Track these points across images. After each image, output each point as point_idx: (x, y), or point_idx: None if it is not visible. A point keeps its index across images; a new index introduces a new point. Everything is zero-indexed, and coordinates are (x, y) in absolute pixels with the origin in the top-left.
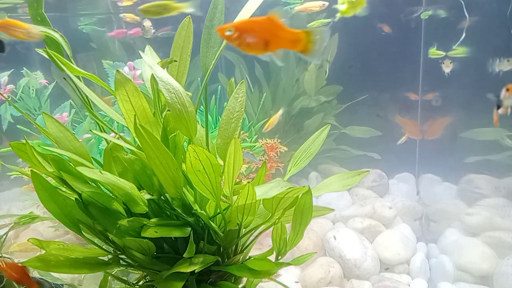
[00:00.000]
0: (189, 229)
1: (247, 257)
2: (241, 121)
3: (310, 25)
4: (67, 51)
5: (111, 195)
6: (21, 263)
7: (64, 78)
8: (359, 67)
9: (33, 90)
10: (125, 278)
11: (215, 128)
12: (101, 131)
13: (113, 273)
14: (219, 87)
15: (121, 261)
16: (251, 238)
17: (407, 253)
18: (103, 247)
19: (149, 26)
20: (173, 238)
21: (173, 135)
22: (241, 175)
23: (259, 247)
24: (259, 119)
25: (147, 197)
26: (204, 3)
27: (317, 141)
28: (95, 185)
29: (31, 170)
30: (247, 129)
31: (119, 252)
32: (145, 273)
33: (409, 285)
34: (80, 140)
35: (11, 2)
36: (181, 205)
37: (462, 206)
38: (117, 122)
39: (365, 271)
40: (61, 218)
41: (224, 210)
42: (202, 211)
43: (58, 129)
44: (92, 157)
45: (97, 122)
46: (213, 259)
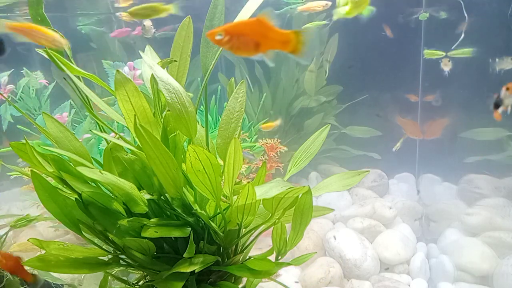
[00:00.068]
0: (189, 229)
1: (247, 257)
2: (241, 121)
3: (305, 26)
4: (67, 51)
5: (111, 195)
6: (21, 264)
7: (64, 78)
8: (359, 67)
9: (33, 90)
10: (125, 278)
11: (215, 128)
12: (101, 131)
13: (113, 273)
14: (219, 87)
15: (121, 261)
16: (251, 238)
17: (407, 253)
18: (103, 247)
19: (150, 25)
20: (173, 238)
21: (173, 135)
22: (241, 175)
23: (259, 247)
24: (259, 119)
25: (147, 197)
26: (204, 3)
27: (317, 141)
28: (95, 185)
29: (31, 170)
30: (247, 129)
31: (119, 252)
32: (145, 273)
33: (409, 285)
34: (80, 140)
35: (11, 2)
36: (181, 205)
37: (462, 206)
38: (117, 122)
39: (365, 271)
40: (61, 218)
41: (224, 210)
42: (202, 211)
43: (58, 129)
44: (92, 157)
45: (97, 122)
46: (213, 259)
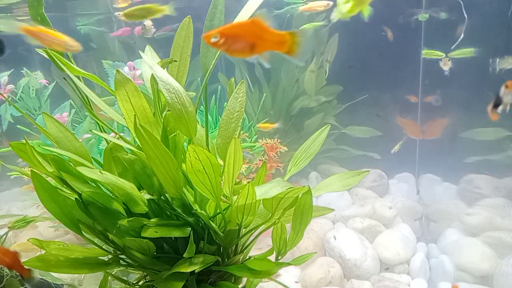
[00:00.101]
0: (189, 229)
1: (247, 257)
2: (241, 121)
3: (302, 27)
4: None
5: (111, 195)
6: (21, 263)
7: (64, 78)
8: (359, 67)
9: (33, 90)
10: (125, 278)
11: (215, 128)
12: (101, 131)
13: (113, 273)
14: (219, 87)
15: (121, 261)
16: (251, 238)
17: (407, 253)
18: (103, 247)
19: (150, 25)
20: (173, 238)
21: (173, 135)
22: (241, 175)
23: (259, 247)
24: (259, 119)
25: (147, 197)
26: (204, 3)
27: (317, 141)
28: (95, 185)
29: (31, 170)
30: (247, 129)
31: (119, 252)
32: (145, 273)
33: (409, 285)
34: (80, 140)
35: (11, 2)
36: (181, 205)
37: (462, 206)
38: (117, 122)
39: (365, 271)
40: (61, 218)
41: (224, 210)
42: (202, 211)
43: (58, 129)
44: (92, 157)
45: (97, 122)
46: (213, 259)
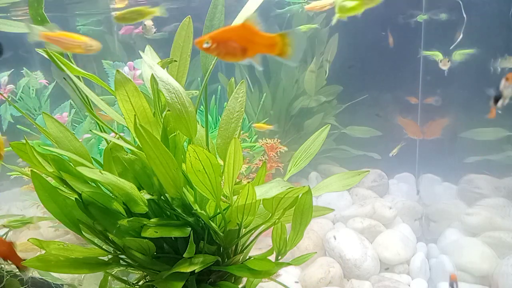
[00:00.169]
0: (189, 229)
1: (247, 257)
2: (241, 121)
3: (296, 29)
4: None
5: (111, 195)
6: (22, 263)
7: (64, 78)
8: (359, 67)
9: (33, 90)
10: (125, 278)
11: (215, 128)
12: (101, 131)
13: (113, 273)
14: (219, 87)
15: (121, 261)
16: (251, 238)
17: (407, 253)
18: (103, 247)
19: (151, 25)
20: (173, 238)
21: (173, 135)
22: (241, 175)
23: (259, 247)
24: (259, 119)
25: (147, 197)
26: (204, 3)
27: (317, 141)
28: (95, 185)
29: (31, 170)
30: (247, 129)
31: (119, 252)
32: (145, 273)
33: (409, 285)
34: (80, 140)
35: (11, 1)
36: (181, 205)
37: (462, 206)
38: (117, 122)
39: (365, 271)
40: (61, 218)
41: (224, 210)
42: (202, 211)
43: (58, 129)
44: (92, 157)
45: (97, 122)
46: (213, 259)
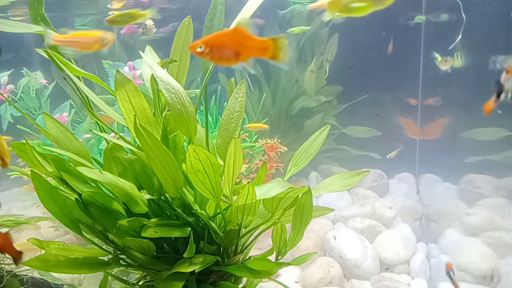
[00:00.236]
0: (189, 229)
1: (247, 257)
2: (241, 121)
3: (290, 30)
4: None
5: (111, 195)
6: (21, 264)
7: (64, 78)
8: (359, 67)
9: (33, 90)
10: (125, 278)
11: (215, 128)
12: (101, 131)
13: (113, 273)
14: (219, 87)
15: (121, 261)
16: (251, 238)
17: (407, 253)
18: (103, 247)
19: (151, 25)
20: (173, 238)
21: (173, 135)
22: (241, 175)
23: (259, 247)
24: (259, 119)
25: (147, 197)
26: (204, 3)
27: (317, 141)
28: (95, 185)
29: (31, 170)
30: (247, 129)
31: (119, 252)
32: (145, 273)
33: (409, 285)
34: (80, 140)
35: (11, 1)
36: (181, 205)
37: (462, 206)
38: (117, 122)
39: (365, 271)
40: (61, 218)
41: (224, 210)
42: (202, 211)
43: (58, 129)
44: (92, 157)
45: (97, 122)
46: (213, 259)
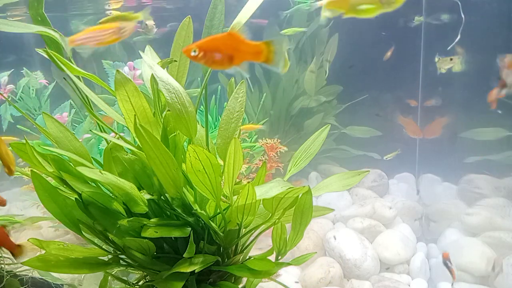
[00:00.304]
0: (189, 229)
1: (247, 257)
2: (241, 121)
3: (283, 32)
4: (67, 51)
5: (111, 195)
6: (21, 263)
7: (64, 78)
8: (359, 67)
9: (33, 90)
10: (125, 278)
11: (215, 128)
12: (101, 131)
13: (113, 273)
14: (219, 87)
15: (121, 261)
16: (251, 238)
17: (407, 253)
18: (103, 247)
19: (152, 25)
20: (173, 238)
21: (173, 135)
22: (241, 175)
23: (259, 247)
24: (259, 119)
25: (147, 197)
26: (204, 3)
27: (317, 141)
28: (95, 185)
29: (31, 170)
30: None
31: (119, 252)
32: (145, 273)
33: (409, 285)
34: (80, 140)
35: (10, 1)
36: (181, 205)
37: (462, 206)
38: (117, 122)
39: (365, 271)
40: (61, 218)
41: (224, 210)
42: (202, 211)
43: (58, 129)
44: (92, 157)
45: (97, 122)
46: (213, 259)
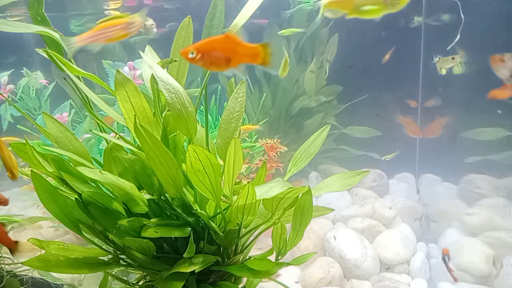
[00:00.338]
0: (189, 229)
1: (247, 257)
2: (241, 121)
3: (280, 33)
4: (71, 52)
5: (111, 195)
6: (21, 263)
7: (64, 78)
8: (359, 67)
9: (33, 90)
10: (125, 278)
11: (215, 128)
12: (101, 131)
13: (113, 273)
14: (219, 87)
15: (121, 261)
16: (251, 238)
17: (407, 253)
18: (103, 247)
19: (151, 25)
20: (173, 238)
21: (173, 135)
22: (241, 175)
23: (259, 247)
24: (259, 119)
25: (147, 197)
26: (204, 3)
27: (317, 141)
28: (95, 185)
29: (31, 170)
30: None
31: (119, 252)
32: (145, 273)
33: (409, 285)
34: (80, 140)
35: (10, 1)
36: (181, 205)
37: (462, 206)
38: (117, 122)
39: (365, 271)
40: (61, 218)
41: (224, 210)
42: (202, 211)
43: (58, 129)
44: (92, 157)
45: (97, 122)
46: (213, 259)
